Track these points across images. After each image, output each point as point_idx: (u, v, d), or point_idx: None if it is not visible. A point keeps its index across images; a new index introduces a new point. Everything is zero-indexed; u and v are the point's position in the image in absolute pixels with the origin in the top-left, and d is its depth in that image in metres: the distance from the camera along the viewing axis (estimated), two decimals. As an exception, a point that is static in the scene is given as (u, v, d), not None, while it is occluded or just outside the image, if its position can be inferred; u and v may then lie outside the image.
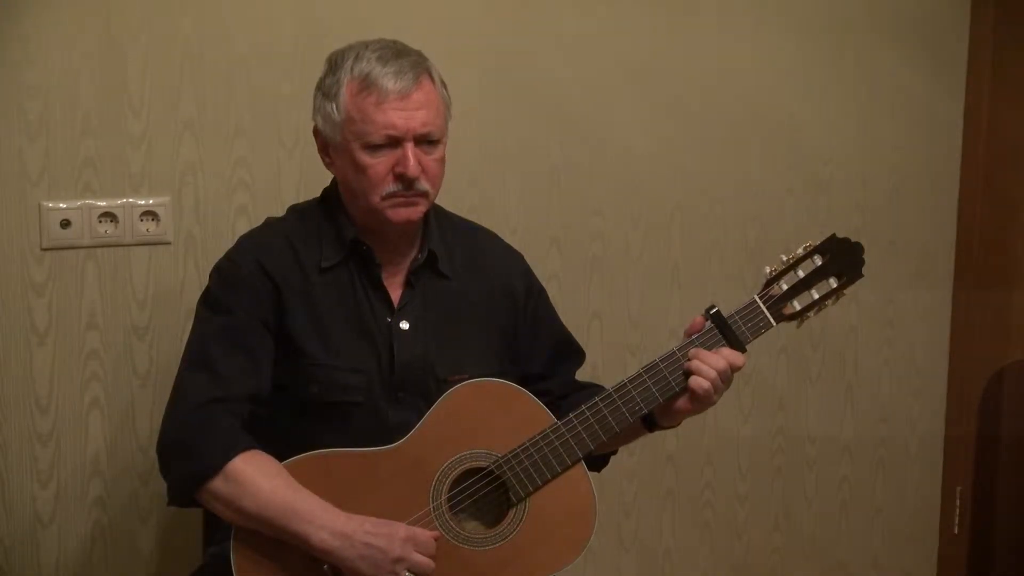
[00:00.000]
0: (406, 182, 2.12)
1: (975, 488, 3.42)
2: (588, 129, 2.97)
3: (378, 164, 2.12)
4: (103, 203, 2.60)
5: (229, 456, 2.04)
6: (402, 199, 2.14)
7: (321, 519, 2.02)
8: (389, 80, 2.11)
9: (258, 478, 2.03)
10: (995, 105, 3.30)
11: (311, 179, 2.70)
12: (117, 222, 2.61)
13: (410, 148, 2.11)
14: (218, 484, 2.03)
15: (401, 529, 2.04)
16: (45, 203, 2.56)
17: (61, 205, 2.57)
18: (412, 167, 2.11)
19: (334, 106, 2.15)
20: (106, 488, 2.67)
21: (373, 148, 2.12)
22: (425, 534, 2.05)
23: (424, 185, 2.14)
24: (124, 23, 2.56)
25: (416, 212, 2.17)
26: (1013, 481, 3.40)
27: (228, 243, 2.31)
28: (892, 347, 3.35)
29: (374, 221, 2.18)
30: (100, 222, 2.60)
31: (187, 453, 2.06)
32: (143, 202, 2.63)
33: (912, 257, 3.33)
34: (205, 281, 2.60)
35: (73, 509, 2.66)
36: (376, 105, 2.11)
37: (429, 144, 2.15)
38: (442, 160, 2.18)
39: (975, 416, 3.40)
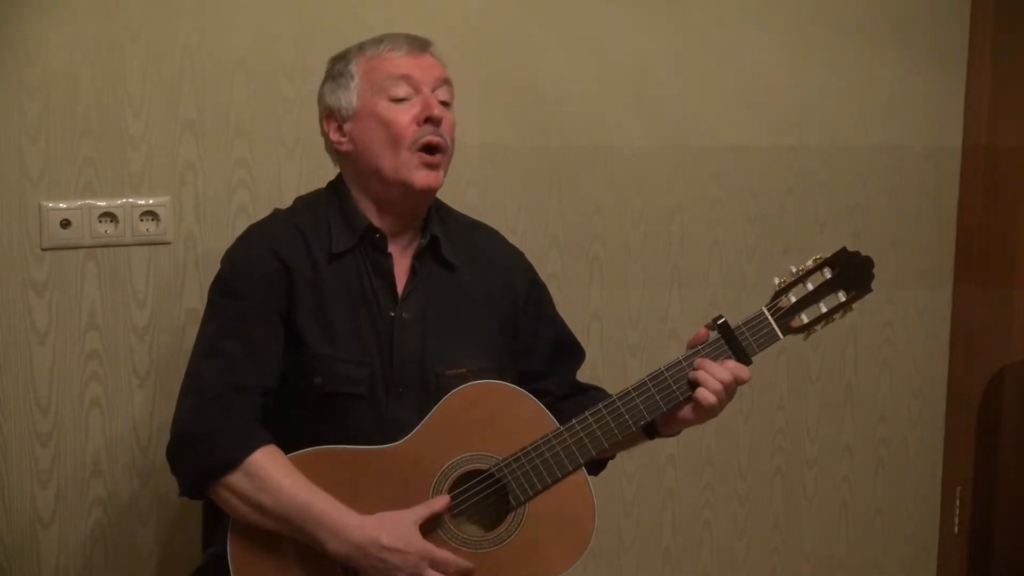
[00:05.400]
0: (434, 122, 2.17)
1: (975, 488, 3.42)
2: (588, 129, 2.97)
3: (403, 112, 2.17)
4: (103, 203, 2.60)
5: (249, 450, 2.03)
6: (429, 158, 2.17)
7: (337, 524, 2.01)
8: (400, 42, 2.21)
9: (278, 475, 2.03)
10: (995, 105, 3.29)
11: (311, 179, 2.70)
12: (117, 222, 2.61)
13: (430, 94, 2.19)
14: (237, 478, 2.03)
15: (417, 545, 2.02)
16: (45, 203, 2.56)
17: (61, 205, 2.57)
18: (437, 108, 2.18)
19: (348, 78, 2.21)
20: (106, 488, 2.67)
21: (395, 101, 2.18)
22: (442, 553, 2.04)
23: (446, 135, 2.19)
24: (124, 23, 2.56)
25: (437, 178, 2.20)
26: (1013, 481, 3.39)
27: (228, 243, 2.30)
28: (892, 347, 3.35)
29: (394, 192, 2.18)
30: (100, 222, 2.60)
31: (204, 445, 2.05)
32: (143, 202, 2.63)
33: (912, 257, 3.33)
34: (205, 281, 2.60)
35: (73, 509, 2.66)
36: (392, 59, 2.20)
37: (444, 105, 2.21)
38: (454, 126, 2.24)
39: (975, 416, 3.40)
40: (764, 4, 3.08)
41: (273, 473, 2.03)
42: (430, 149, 2.18)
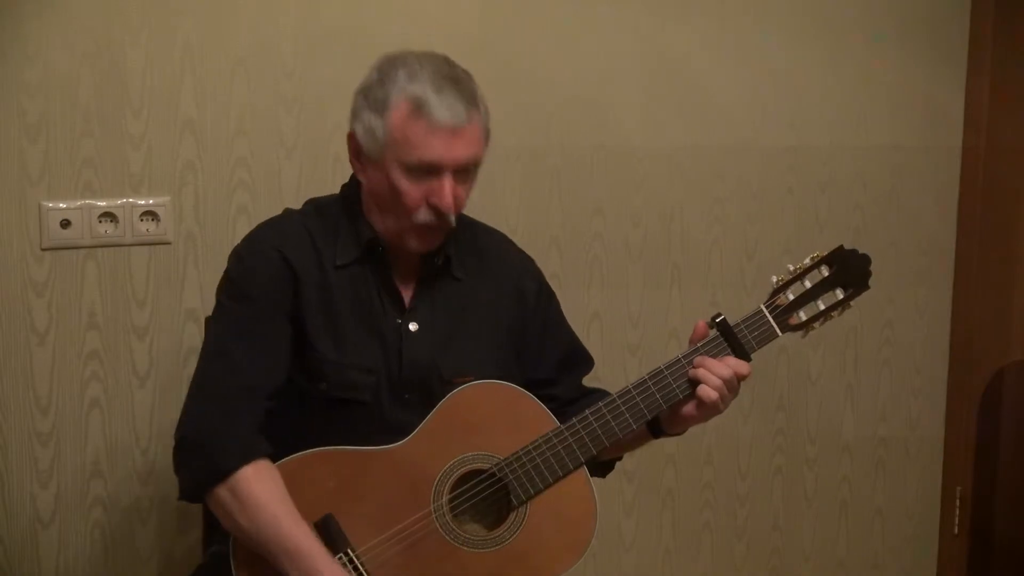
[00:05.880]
0: (439, 215, 2.11)
1: (975, 488, 3.42)
2: (588, 129, 2.97)
3: (414, 190, 2.10)
4: (103, 203, 2.60)
5: (239, 464, 2.02)
6: (429, 234, 2.14)
7: (307, 565, 1.98)
8: (443, 112, 2.07)
9: (262, 500, 2.01)
10: (995, 105, 3.29)
11: (311, 179, 2.70)
12: (117, 222, 2.61)
13: (448, 181, 2.09)
14: (223, 493, 2.02)
15: None
16: (45, 203, 2.56)
17: (61, 205, 2.57)
18: (448, 201, 2.09)
19: (380, 122, 2.10)
20: (106, 488, 2.67)
21: (412, 173, 2.09)
22: None
23: (452, 219, 2.13)
24: (124, 23, 2.56)
25: (437, 241, 2.17)
26: (1013, 481, 3.40)
27: (228, 243, 2.31)
28: (892, 347, 3.35)
29: (394, 237, 2.17)
30: (100, 222, 2.60)
31: (203, 452, 2.05)
32: (143, 202, 2.63)
33: (912, 257, 3.33)
34: (205, 281, 2.61)
35: (73, 509, 2.66)
36: (424, 134, 2.07)
37: (466, 173, 2.13)
38: (472, 186, 2.18)
39: (975, 416, 3.40)
40: (764, 4, 3.08)
41: (257, 496, 2.01)
42: (434, 223, 2.14)
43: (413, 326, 2.19)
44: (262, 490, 2.02)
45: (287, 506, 2.02)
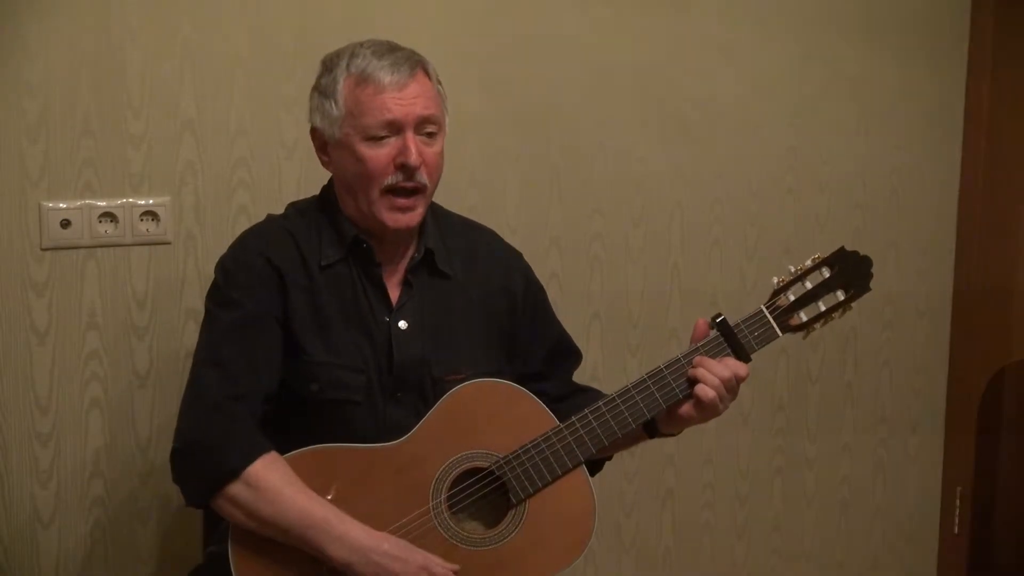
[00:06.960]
0: (407, 172, 2.12)
1: (975, 488, 3.42)
2: (588, 129, 2.97)
3: (379, 155, 2.12)
4: (103, 203, 2.60)
5: (250, 460, 2.03)
6: (401, 201, 2.14)
7: (339, 530, 2.01)
8: (385, 72, 2.12)
9: (278, 484, 2.02)
10: (995, 105, 3.29)
11: (311, 179, 2.69)
12: (117, 222, 2.61)
13: (410, 136, 2.12)
14: (238, 489, 2.02)
15: (418, 557, 2.03)
16: (45, 203, 2.56)
17: (61, 205, 2.57)
18: (414, 156, 2.11)
19: (332, 103, 2.15)
20: (106, 488, 2.67)
21: (373, 140, 2.12)
22: (444, 568, 2.04)
23: (423, 178, 2.14)
24: (124, 23, 2.56)
25: (413, 218, 2.17)
26: (1013, 481, 3.40)
27: (228, 243, 2.31)
28: (892, 347, 3.35)
29: (371, 223, 2.17)
30: (100, 222, 2.60)
31: (206, 456, 2.05)
32: (143, 202, 2.63)
33: (912, 257, 3.33)
34: (205, 281, 2.60)
35: (73, 509, 2.66)
36: (374, 96, 2.11)
37: (429, 136, 2.15)
38: (441, 154, 2.18)
39: (975, 416, 3.40)
40: (764, 4, 3.08)
41: (273, 483, 2.02)
42: (403, 192, 2.15)
43: (402, 324, 2.20)
44: (277, 476, 2.03)
45: (302, 485, 2.04)
